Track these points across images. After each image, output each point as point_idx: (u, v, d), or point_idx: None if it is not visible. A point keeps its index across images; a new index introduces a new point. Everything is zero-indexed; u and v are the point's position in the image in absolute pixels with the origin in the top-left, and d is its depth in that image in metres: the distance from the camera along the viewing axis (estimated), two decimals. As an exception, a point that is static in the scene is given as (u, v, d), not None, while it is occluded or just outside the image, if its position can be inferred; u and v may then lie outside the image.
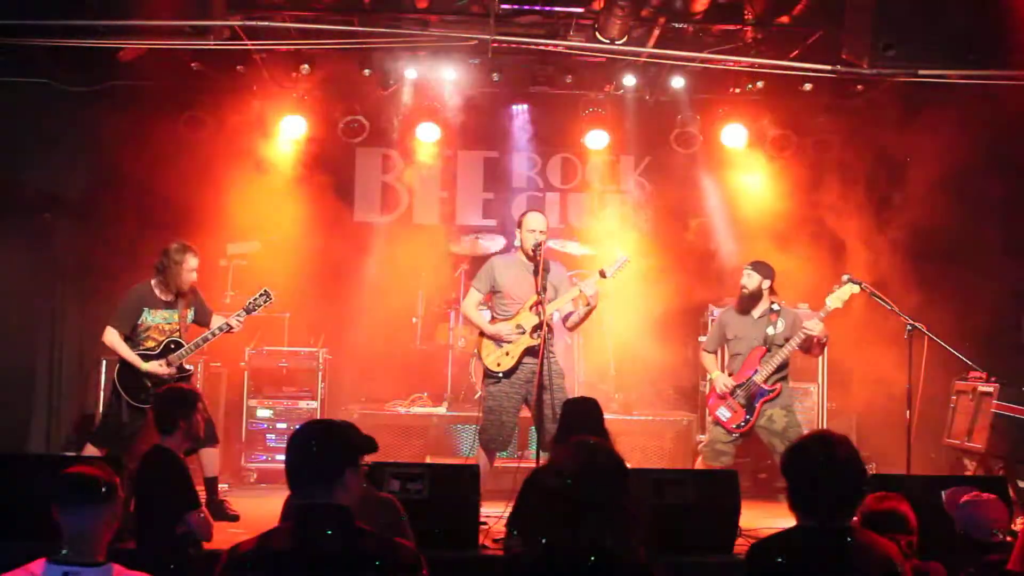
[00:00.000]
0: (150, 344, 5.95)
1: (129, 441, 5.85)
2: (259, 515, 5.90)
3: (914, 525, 3.43)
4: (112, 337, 5.90)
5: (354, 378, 8.93)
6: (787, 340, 6.06)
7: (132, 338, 5.95)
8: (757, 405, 6.05)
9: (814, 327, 5.97)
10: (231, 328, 6.06)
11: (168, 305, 6.01)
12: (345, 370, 8.64)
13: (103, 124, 7.76)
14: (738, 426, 6.07)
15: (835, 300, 5.97)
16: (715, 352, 6.50)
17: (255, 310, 6.20)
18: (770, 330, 6.14)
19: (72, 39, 6.83)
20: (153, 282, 6.00)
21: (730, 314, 6.41)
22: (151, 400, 5.78)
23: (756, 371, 6.07)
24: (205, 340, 6.04)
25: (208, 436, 5.86)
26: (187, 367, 6.08)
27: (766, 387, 6.04)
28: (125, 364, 5.89)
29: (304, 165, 8.77)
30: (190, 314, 6.11)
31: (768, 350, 6.10)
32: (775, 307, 6.22)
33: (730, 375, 6.23)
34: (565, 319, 6.06)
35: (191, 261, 6.02)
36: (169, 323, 5.99)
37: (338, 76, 8.04)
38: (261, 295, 6.22)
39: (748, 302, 6.25)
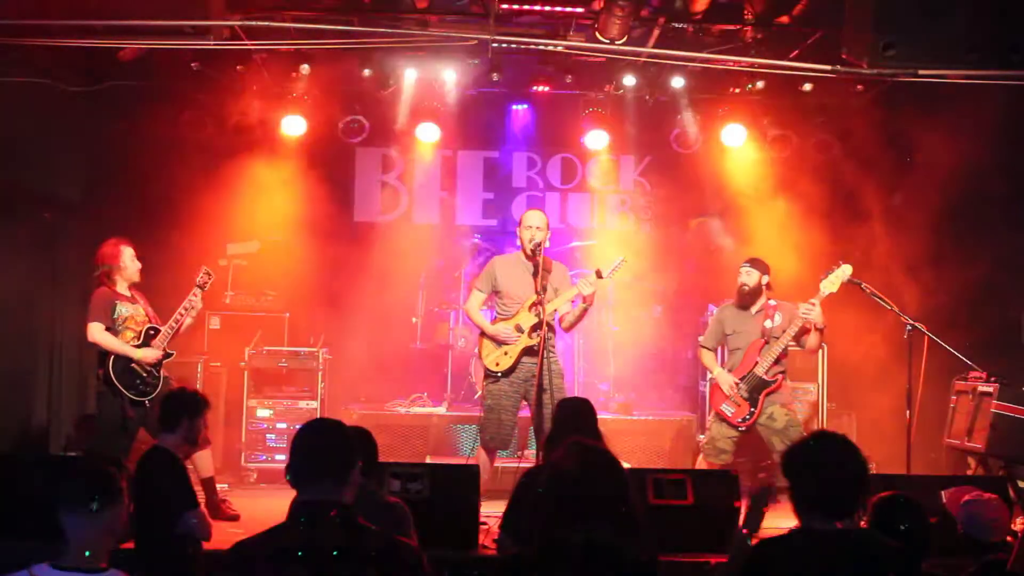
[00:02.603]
0: (129, 335, 5.99)
1: (131, 439, 5.85)
2: (259, 515, 5.90)
3: (925, 523, 3.40)
4: (99, 332, 5.90)
5: (354, 378, 8.92)
6: (784, 332, 6.08)
7: (111, 332, 5.96)
8: (760, 398, 6.06)
9: (809, 312, 5.98)
10: (193, 305, 6.15)
11: (130, 300, 6.08)
12: (345, 370, 8.64)
13: (103, 124, 7.76)
14: (743, 420, 6.08)
15: (829, 284, 5.98)
16: (714, 349, 6.54)
17: (205, 286, 6.25)
18: (768, 323, 6.17)
19: (72, 39, 6.84)
20: (107, 283, 6.03)
21: (728, 310, 6.45)
22: (150, 390, 5.81)
23: (756, 363, 6.09)
24: (177, 322, 6.10)
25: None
26: (169, 351, 6.11)
27: (767, 378, 6.06)
28: (117, 361, 5.88)
29: (304, 165, 8.77)
30: (150, 309, 6.17)
31: (767, 342, 6.12)
32: (772, 302, 6.26)
33: (730, 371, 6.25)
34: (561, 320, 6.07)
35: (127, 251, 6.11)
36: (139, 314, 6.06)
37: (338, 76, 8.04)
38: (205, 273, 6.26)
39: (748, 298, 6.29)
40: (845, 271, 5.99)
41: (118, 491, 2.97)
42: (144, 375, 5.94)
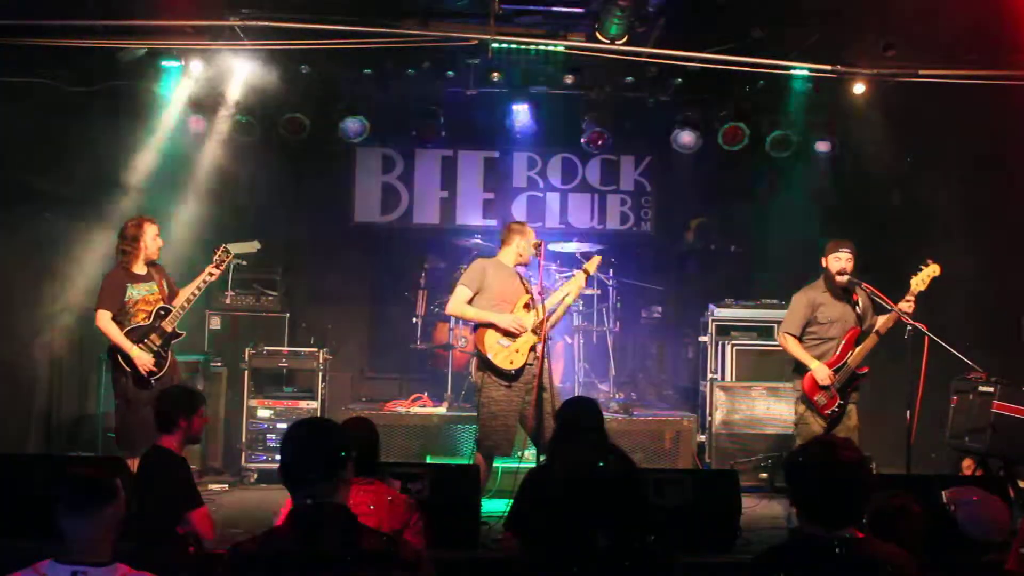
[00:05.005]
0: (141, 317, 5.98)
1: (141, 420, 5.81)
2: (259, 515, 5.90)
3: (924, 526, 3.40)
4: (106, 321, 5.90)
5: (354, 378, 8.93)
6: (868, 319, 5.95)
7: (122, 318, 5.96)
8: (848, 389, 5.92)
9: (908, 308, 5.81)
10: (211, 277, 6.20)
11: (145, 279, 6.08)
12: (345, 370, 8.63)
13: (103, 124, 7.75)
14: (832, 412, 5.90)
15: (919, 282, 5.82)
16: (801, 338, 6.06)
17: (221, 266, 6.27)
18: (858, 309, 6.00)
19: (72, 39, 6.84)
20: (124, 262, 6.05)
21: (823, 297, 6.04)
22: (155, 371, 5.82)
23: (850, 353, 5.90)
24: (189, 301, 6.12)
25: None
26: (179, 331, 6.12)
27: (859, 371, 5.91)
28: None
29: (304, 165, 8.77)
30: (166, 285, 6.19)
31: (860, 331, 5.96)
32: (852, 284, 6.00)
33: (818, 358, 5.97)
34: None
35: (150, 228, 6.12)
36: (152, 294, 6.07)
37: (338, 76, 8.04)
38: (223, 251, 6.29)
39: (848, 285, 6.00)
40: (933, 270, 5.84)
41: (112, 488, 2.98)
42: (151, 355, 5.93)
